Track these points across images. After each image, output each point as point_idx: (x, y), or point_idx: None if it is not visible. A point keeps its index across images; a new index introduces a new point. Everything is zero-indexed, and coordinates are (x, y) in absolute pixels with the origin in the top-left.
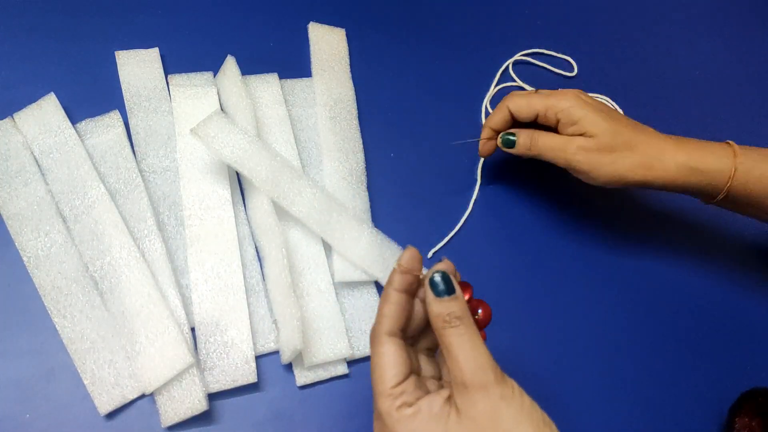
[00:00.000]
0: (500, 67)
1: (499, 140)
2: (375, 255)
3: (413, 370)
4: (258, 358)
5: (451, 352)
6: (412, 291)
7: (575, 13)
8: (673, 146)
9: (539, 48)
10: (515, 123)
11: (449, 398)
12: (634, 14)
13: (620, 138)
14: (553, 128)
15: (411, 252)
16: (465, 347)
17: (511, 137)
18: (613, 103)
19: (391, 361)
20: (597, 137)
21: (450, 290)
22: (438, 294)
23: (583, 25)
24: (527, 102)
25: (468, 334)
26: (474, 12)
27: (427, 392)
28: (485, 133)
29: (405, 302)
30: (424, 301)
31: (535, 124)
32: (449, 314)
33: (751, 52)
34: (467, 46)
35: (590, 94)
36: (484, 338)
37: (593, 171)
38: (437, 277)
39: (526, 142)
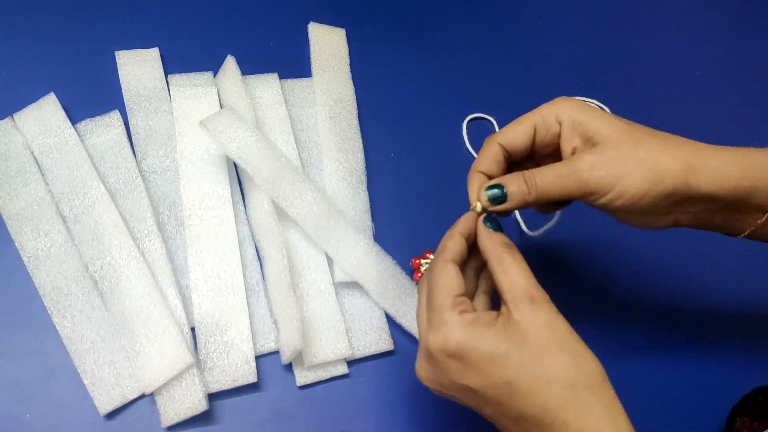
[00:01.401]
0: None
1: (483, 198)
2: (368, 266)
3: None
4: (258, 358)
5: (509, 273)
6: (470, 239)
7: (578, 13)
8: (707, 146)
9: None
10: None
11: (499, 315)
12: (631, 15)
13: (639, 134)
14: (547, 156)
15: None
16: (523, 269)
17: (498, 190)
18: (606, 108)
19: (455, 276)
20: (612, 139)
21: (500, 229)
22: (493, 229)
23: (583, 24)
24: (518, 124)
25: (522, 260)
26: (474, 11)
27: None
28: (476, 181)
29: (463, 245)
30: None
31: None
32: (504, 243)
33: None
34: (468, 45)
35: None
36: None
37: (621, 182)
38: (488, 217)
39: (521, 187)
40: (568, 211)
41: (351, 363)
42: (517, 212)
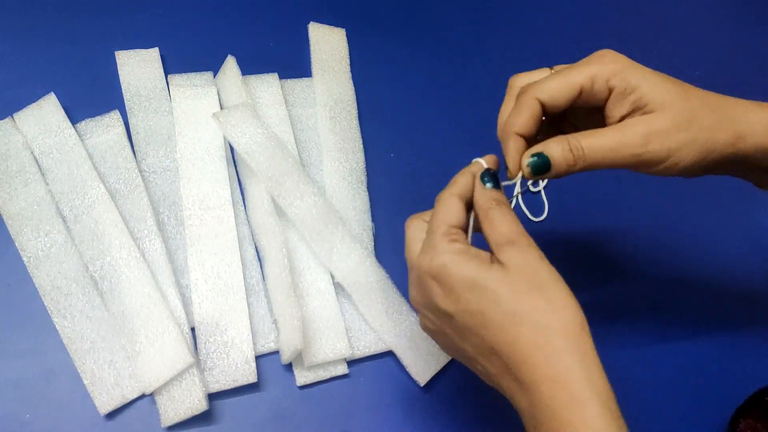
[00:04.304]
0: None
1: (524, 165)
2: (359, 276)
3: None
4: (258, 358)
5: (494, 223)
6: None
7: (577, 12)
8: (752, 104)
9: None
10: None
11: (488, 256)
12: (632, 16)
13: (694, 102)
14: (584, 112)
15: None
16: (507, 218)
17: (542, 158)
18: None
19: (456, 208)
20: (667, 107)
21: (497, 185)
22: (489, 186)
23: (583, 24)
24: (564, 82)
25: (510, 212)
26: (474, 11)
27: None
28: (514, 145)
29: (469, 190)
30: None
31: (557, 119)
32: (495, 199)
33: (753, 51)
34: (468, 45)
35: None
36: None
37: (675, 156)
38: (487, 174)
39: (566, 155)
40: (575, 199)
41: (351, 363)
42: (521, 201)
